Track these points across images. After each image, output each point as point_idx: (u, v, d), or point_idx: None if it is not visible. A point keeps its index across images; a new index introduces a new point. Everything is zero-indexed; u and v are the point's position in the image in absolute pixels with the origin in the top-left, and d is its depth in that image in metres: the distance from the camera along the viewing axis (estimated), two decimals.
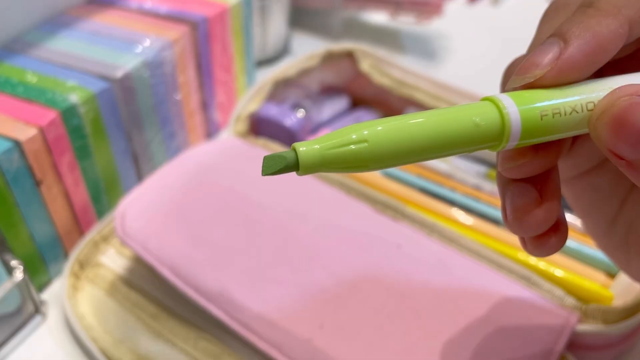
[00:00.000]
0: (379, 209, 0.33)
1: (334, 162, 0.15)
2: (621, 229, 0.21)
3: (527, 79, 0.16)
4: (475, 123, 0.15)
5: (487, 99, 0.16)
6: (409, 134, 0.15)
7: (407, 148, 0.15)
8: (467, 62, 0.53)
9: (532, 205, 0.18)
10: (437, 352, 0.26)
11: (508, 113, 0.16)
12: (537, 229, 0.18)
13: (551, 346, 0.26)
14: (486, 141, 0.16)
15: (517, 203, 0.18)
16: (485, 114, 0.16)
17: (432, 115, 0.15)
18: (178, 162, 0.35)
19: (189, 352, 0.30)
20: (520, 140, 0.16)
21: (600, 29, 0.16)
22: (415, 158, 0.15)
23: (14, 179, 0.29)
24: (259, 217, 0.32)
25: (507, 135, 0.16)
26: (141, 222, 0.32)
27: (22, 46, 0.36)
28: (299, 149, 0.15)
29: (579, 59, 0.16)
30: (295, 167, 0.15)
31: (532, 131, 0.16)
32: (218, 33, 0.41)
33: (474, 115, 0.16)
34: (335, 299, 0.28)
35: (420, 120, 0.15)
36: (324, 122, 0.42)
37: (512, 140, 0.16)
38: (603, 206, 0.22)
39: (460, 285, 0.29)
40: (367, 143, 0.15)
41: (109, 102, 0.34)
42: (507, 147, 0.16)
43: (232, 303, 0.28)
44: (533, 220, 0.18)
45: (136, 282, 0.33)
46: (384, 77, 0.40)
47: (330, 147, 0.15)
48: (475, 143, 0.16)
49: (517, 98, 0.16)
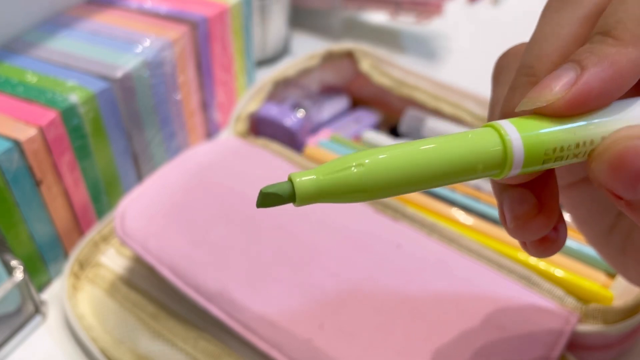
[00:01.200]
0: (378, 209, 0.33)
1: (332, 190, 0.15)
2: (618, 239, 0.21)
3: (539, 102, 0.16)
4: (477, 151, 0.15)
5: (489, 126, 0.16)
6: (408, 162, 0.15)
7: (406, 176, 0.15)
8: (467, 62, 0.53)
9: (531, 213, 0.17)
10: (437, 352, 0.26)
11: (511, 140, 0.15)
12: (538, 235, 0.18)
13: (551, 346, 0.26)
14: (488, 170, 0.15)
15: (517, 211, 0.17)
16: (488, 143, 0.15)
17: (433, 145, 0.15)
18: (178, 162, 0.35)
19: (188, 352, 0.30)
20: (523, 169, 0.16)
21: (619, 57, 0.16)
22: (414, 187, 0.15)
23: (14, 179, 0.29)
24: (259, 217, 0.32)
25: (509, 165, 0.15)
26: (141, 222, 0.32)
27: (22, 46, 0.36)
28: (295, 180, 0.15)
29: (596, 86, 0.15)
30: (292, 198, 0.15)
31: (534, 161, 0.15)
32: (218, 33, 0.41)
33: (477, 143, 0.15)
34: (335, 299, 0.28)
35: (419, 148, 0.15)
36: (324, 122, 0.42)
37: (514, 169, 0.15)
38: (600, 216, 0.21)
39: (460, 286, 0.29)
40: (364, 168, 0.15)
41: (109, 102, 0.34)
42: (509, 175, 0.16)
43: (232, 303, 0.28)
44: (533, 226, 0.17)
45: (136, 282, 0.33)
46: (384, 77, 0.40)
47: (328, 172, 0.15)
48: (477, 172, 0.15)
49: (520, 126, 0.15)
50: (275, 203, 0.15)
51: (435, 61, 0.54)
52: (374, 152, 0.15)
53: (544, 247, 0.18)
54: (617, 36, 0.16)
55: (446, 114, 0.38)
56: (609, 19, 0.16)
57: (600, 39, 0.16)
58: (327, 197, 0.15)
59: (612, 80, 0.15)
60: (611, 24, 0.16)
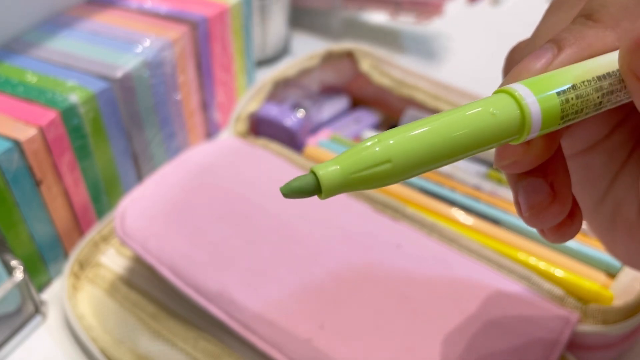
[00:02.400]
0: (378, 208, 0.33)
1: (357, 184, 0.15)
2: (608, 209, 0.21)
3: (519, 79, 0.16)
4: (492, 114, 0.15)
5: (502, 91, 0.16)
6: (431, 142, 0.15)
7: (430, 157, 0.15)
8: (467, 62, 0.53)
9: (546, 201, 0.18)
10: (437, 352, 0.26)
11: (527, 104, 0.15)
12: (553, 222, 0.18)
13: (551, 346, 0.26)
14: (506, 136, 0.15)
15: (532, 200, 0.18)
16: (503, 108, 0.15)
17: (451, 118, 0.15)
18: (178, 162, 0.35)
19: (188, 352, 0.30)
20: (542, 129, 0.15)
21: (595, 40, 0.16)
22: (439, 164, 0.15)
23: (14, 179, 0.29)
24: (259, 217, 0.32)
25: (527, 127, 0.15)
26: (141, 222, 0.32)
27: (22, 46, 0.36)
28: (319, 172, 0.14)
29: None
30: (317, 191, 0.15)
31: (553, 118, 0.15)
32: (218, 33, 0.41)
33: (491, 109, 0.15)
34: (335, 299, 0.28)
35: (439, 125, 0.15)
36: (324, 122, 0.42)
37: (533, 132, 0.15)
38: (593, 184, 0.22)
39: (460, 286, 0.29)
40: (391, 163, 0.14)
41: (109, 102, 0.34)
42: (530, 137, 0.16)
43: (232, 303, 0.28)
44: (549, 214, 0.18)
45: (136, 282, 0.33)
46: (384, 77, 0.40)
47: (354, 171, 0.14)
48: (496, 140, 0.15)
49: (533, 85, 0.15)
50: (299, 197, 0.15)
51: (435, 61, 0.54)
52: (395, 132, 0.15)
53: (561, 233, 0.18)
54: (598, 19, 0.16)
55: None
56: (594, 3, 0.17)
57: (581, 21, 0.17)
58: (353, 186, 0.15)
59: None
60: (595, 7, 0.17)
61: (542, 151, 0.17)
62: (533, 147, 0.17)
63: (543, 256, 0.31)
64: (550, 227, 0.18)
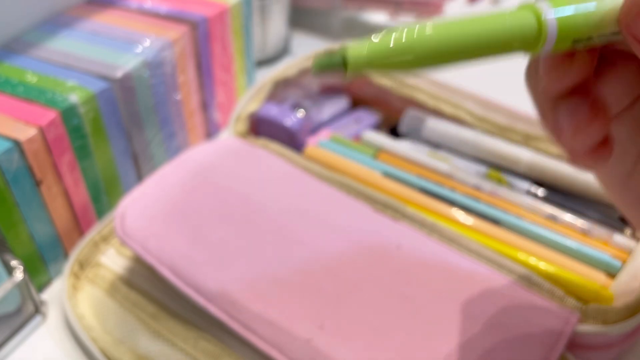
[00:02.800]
0: (378, 208, 0.33)
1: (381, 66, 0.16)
2: (637, 185, 0.21)
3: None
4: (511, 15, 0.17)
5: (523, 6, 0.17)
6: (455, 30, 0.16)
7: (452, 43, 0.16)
8: None
9: (587, 120, 0.19)
10: (437, 352, 0.26)
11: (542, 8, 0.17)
12: (595, 137, 0.19)
13: (551, 346, 0.26)
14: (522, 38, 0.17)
15: (575, 119, 0.19)
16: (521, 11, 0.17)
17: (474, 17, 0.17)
18: (178, 162, 0.35)
19: (188, 352, 0.30)
20: (558, 35, 0.17)
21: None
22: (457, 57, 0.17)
23: (14, 179, 0.30)
24: (259, 217, 0.32)
25: (544, 34, 0.17)
26: (141, 222, 0.32)
27: (22, 46, 0.36)
28: (348, 49, 0.16)
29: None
30: (344, 65, 0.16)
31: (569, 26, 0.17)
32: (218, 33, 0.41)
33: (512, 15, 0.17)
34: (335, 299, 0.28)
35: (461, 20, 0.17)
36: (324, 122, 0.42)
37: (549, 42, 0.17)
38: (621, 158, 0.22)
39: (460, 286, 0.29)
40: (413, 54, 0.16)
41: (109, 102, 0.34)
42: (546, 47, 0.17)
43: (232, 303, 0.28)
44: (592, 130, 0.19)
45: (136, 282, 0.33)
46: (384, 77, 0.40)
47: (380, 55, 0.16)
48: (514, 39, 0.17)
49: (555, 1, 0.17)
50: (328, 71, 0.16)
51: None
52: (422, 24, 0.17)
53: (597, 155, 0.19)
54: None
55: (446, 114, 0.38)
56: None
57: None
58: (378, 63, 0.16)
59: None
60: None
61: (586, 63, 0.18)
62: (578, 58, 0.18)
63: (543, 256, 0.31)
64: (588, 149, 0.19)
